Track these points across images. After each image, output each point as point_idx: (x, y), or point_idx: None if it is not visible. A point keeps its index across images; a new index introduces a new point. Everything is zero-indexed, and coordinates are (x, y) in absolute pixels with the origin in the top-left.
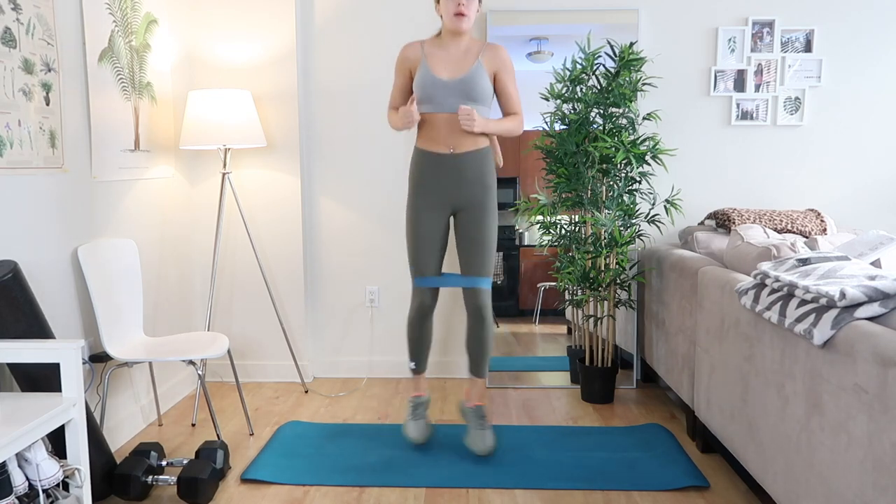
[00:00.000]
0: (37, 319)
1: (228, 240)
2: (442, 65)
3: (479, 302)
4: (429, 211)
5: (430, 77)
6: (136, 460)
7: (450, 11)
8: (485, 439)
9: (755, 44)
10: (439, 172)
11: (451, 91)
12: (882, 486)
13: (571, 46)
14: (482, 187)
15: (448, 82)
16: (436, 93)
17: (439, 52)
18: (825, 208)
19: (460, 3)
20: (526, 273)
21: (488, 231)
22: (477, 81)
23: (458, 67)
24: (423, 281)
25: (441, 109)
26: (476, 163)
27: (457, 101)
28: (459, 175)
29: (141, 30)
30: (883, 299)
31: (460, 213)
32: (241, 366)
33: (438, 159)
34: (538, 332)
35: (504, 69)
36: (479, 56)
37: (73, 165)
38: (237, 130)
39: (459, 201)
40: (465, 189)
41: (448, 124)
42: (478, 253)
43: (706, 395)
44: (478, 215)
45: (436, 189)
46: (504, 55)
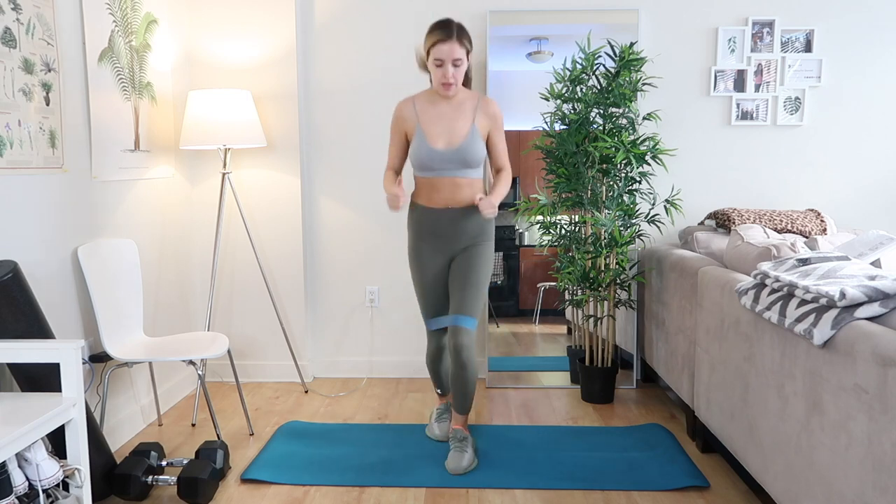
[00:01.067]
0: (37, 319)
1: (228, 240)
2: (436, 130)
3: (459, 342)
4: (431, 257)
5: (427, 149)
6: (136, 460)
7: (437, 79)
8: (459, 460)
9: (755, 44)
10: (440, 224)
11: (447, 160)
12: (882, 486)
13: (571, 46)
14: (481, 236)
15: (444, 153)
16: (433, 163)
17: (432, 110)
18: (825, 208)
19: (446, 74)
20: (526, 273)
21: (480, 274)
22: (473, 150)
23: (453, 132)
24: (435, 323)
25: (439, 175)
26: (474, 216)
27: (453, 168)
28: (459, 227)
29: (141, 30)
30: (883, 299)
31: (457, 256)
32: (241, 366)
33: (439, 214)
34: (538, 332)
35: (496, 127)
36: (473, 119)
37: (73, 165)
38: (237, 130)
39: (458, 246)
40: (465, 238)
41: (447, 186)
42: (465, 291)
43: (706, 394)
44: (472, 258)
45: (436, 238)
46: (496, 112)
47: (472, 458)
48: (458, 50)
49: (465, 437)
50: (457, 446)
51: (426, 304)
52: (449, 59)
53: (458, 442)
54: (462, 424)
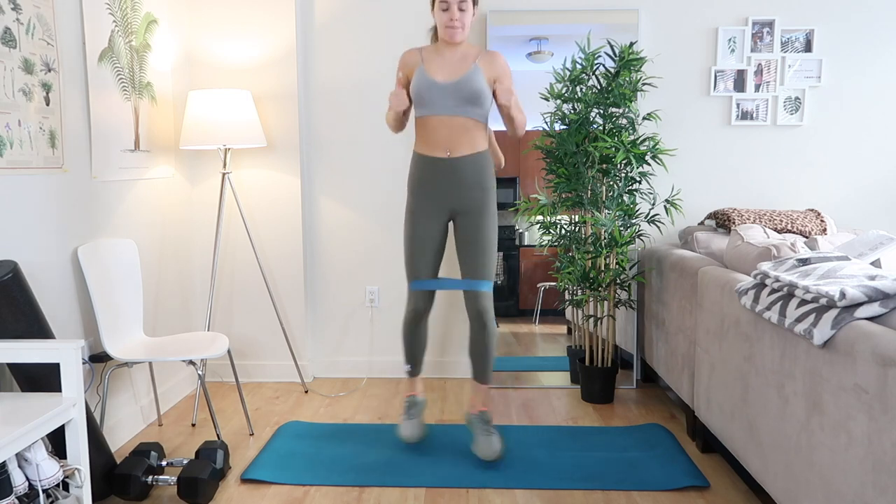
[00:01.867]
0: (37, 319)
1: (228, 240)
2: (438, 69)
3: (480, 306)
4: (427, 215)
5: (427, 80)
6: (136, 460)
7: (442, 23)
8: (491, 444)
9: (755, 44)
10: (437, 177)
11: (447, 93)
12: (882, 486)
13: (571, 46)
14: (481, 190)
15: (444, 84)
16: (432, 95)
17: (437, 57)
18: (825, 208)
19: (452, 17)
20: (526, 273)
21: (488, 233)
22: (473, 84)
23: (455, 71)
24: (418, 284)
25: (438, 112)
26: (474, 166)
27: (453, 104)
28: (458, 179)
29: (141, 30)
30: (883, 299)
31: (459, 217)
32: (241, 366)
33: (436, 164)
34: (538, 332)
35: (503, 74)
36: (475, 61)
37: (73, 165)
38: (237, 130)
39: (458, 205)
40: (464, 193)
41: (445, 127)
42: (477, 255)
43: (706, 394)
44: (477, 218)
45: (434, 193)
46: (501, 61)
47: (500, 438)
48: None
49: (489, 419)
50: (485, 429)
51: (413, 263)
52: (454, 1)
53: (483, 425)
54: (484, 403)
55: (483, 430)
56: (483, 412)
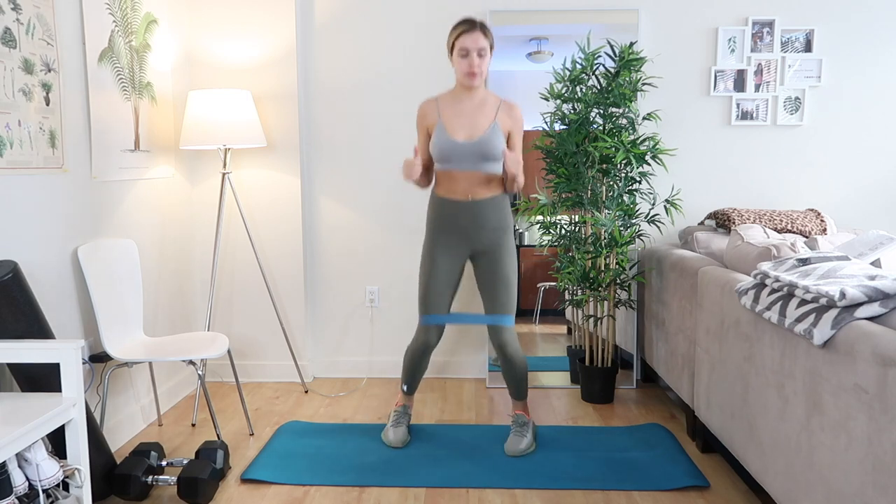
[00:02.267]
0: (37, 319)
1: (228, 240)
2: (458, 123)
3: (504, 339)
4: (446, 252)
5: (447, 140)
6: (136, 460)
7: (462, 71)
8: (516, 443)
9: (755, 44)
10: (458, 217)
11: (467, 152)
12: (882, 486)
13: (571, 46)
14: (501, 231)
15: (465, 144)
16: (453, 155)
17: (455, 107)
18: (825, 208)
19: (472, 64)
20: (526, 273)
21: (509, 270)
22: (493, 143)
23: (474, 126)
24: (430, 318)
25: (459, 168)
26: (493, 209)
27: (473, 161)
28: (478, 221)
29: (141, 30)
30: (883, 299)
31: (480, 256)
32: (241, 366)
33: (457, 205)
34: (538, 332)
35: (516, 130)
36: (496, 116)
37: (73, 165)
38: (237, 130)
39: (478, 245)
40: (485, 234)
41: (466, 179)
42: (499, 293)
43: (706, 394)
44: (497, 257)
45: (455, 232)
46: (518, 115)
47: (531, 442)
48: (482, 40)
49: (526, 422)
50: (517, 430)
51: (426, 299)
52: (474, 49)
53: (518, 426)
54: (522, 409)
55: (515, 430)
56: (518, 415)
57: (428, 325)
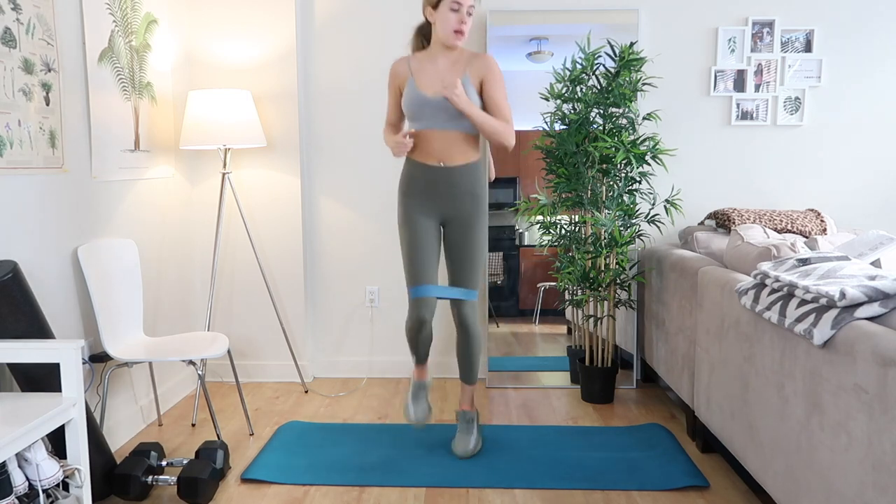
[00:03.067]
0: (37, 319)
1: (228, 240)
2: (429, 81)
3: (465, 313)
4: (420, 217)
5: (418, 95)
6: (136, 460)
7: (449, 28)
8: (466, 443)
9: (755, 44)
10: (430, 183)
11: (438, 108)
12: (882, 486)
13: (571, 46)
14: (472, 198)
15: (434, 99)
16: (424, 110)
17: (427, 66)
18: (825, 208)
19: (462, 20)
20: (526, 273)
21: (476, 243)
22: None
23: (445, 82)
24: (421, 290)
25: (431, 126)
26: (467, 175)
27: (445, 119)
28: (450, 187)
29: (141, 30)
30: (883, 299)
31: (449, 224)
32: (241, 366)
33: (429, 170)
34: (538, 332)
35: (491, 77)
36: (465, 69)
37: (73, 165)
38: (237, 130)
39: (449, 212)
40: (456, 200)
41: (438, 139)
42: (465, 264)
43: (706, 394)
44: (466, 227)
45: (427, 198)
46: (490, 63)
47: (479, 438)
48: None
49: (472, 418)
50: (463, 428)
51: (413, 269)
52: (466, 4)
53: (465, 423)
54: (469, 403)
55: (463, 427)
56: (466, 411)
57: (419, 298)
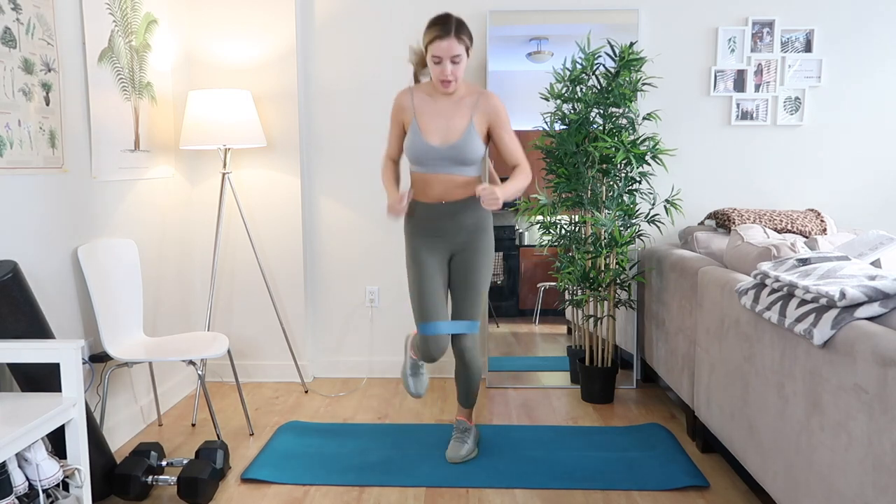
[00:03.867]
0: (37, 319)
1: (228, 240)
2: (433, 125)
3: (464, 345)
4: (429, 254)
5: (422, 143)
6: (136, 460)
7: (435, 77)
8: (458, 449)
9: (755, 44)
10: (435, 219)
11: (442, 156)
12: (882, 486)
13: (571, 46)
14: (478, 231)
15: (439, 149)
16: (427, 159)
17: (430, 105)
18: (825, 208)
19: (444, 71)
20: (526, 273)
21: (481, 276)
22: (469, 148)
23: (449, 129)
24: (431, 328)
25: (434, 171)
26: (470, 209)
27: (448, 165)
28: (454, 221)
29: (141, 30)
30: (883, 299)
31: (455, 257)
32: (241, 366)
33: (432, 208)
34: (538, 332)
35: (498, 121)
36: (471, 114)
37: (73, 165)
38: (237, 130)
39: (455, 246)
40: (461, 234)
41: (441, 183)
42: (468, 298)
43: (706, 394)
44: (472, 259)
45: (432, 234)
46: (496, 105)
47: (472, 448)
48: (457, 46)
49: (468, 429)
50: (458, 437)
51: (422, 307)
52: (447, 57)
53: (460, 433)
54: (466, 416)
55: (457, 436)
56: (461, 421)
57: (429, 336)
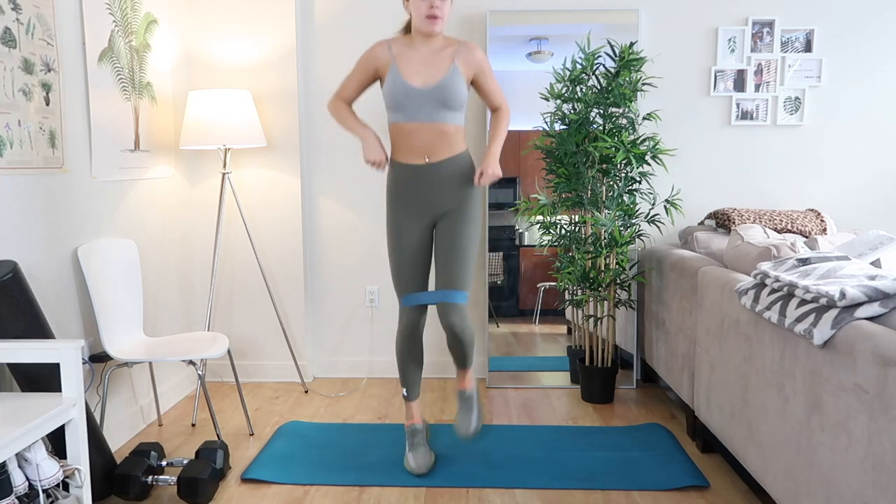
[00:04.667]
0: (37, 319)
1: (228, 240)
2: (414, 69)
3: (452, 320)
4: (410, 223)
5: (403, 85)
6: (136, 460)
7: (421, 13)
8: (467, 421)
9: (755, 44)
10: (417, 183)
11: (425, 99)
12: (882, 486)
13: (571, 46)
14: (462, 192)
15: (422, 90)
16: (408, 101)
17: (410, 53)
18: (825, 208)
19: (433, 4)
20: (526, 273)
21: (467, 239)
22: (452, 89)
23: (432, 72)
24: (411, 299)
25: (415, 118)
26: (455, 168)
27: (431, 110)
28: (439, 183)
29: (141, 30)
30: (883, 299)
31: (439, 221)
32: (241, 366)
33: (415, 170)
34: (538, 332)
35: (482, 70)
36: (454, 59)
37: (73, 165)
38: (237, 130)
39: (440, 209)
40: (446, 196)
41: (423, 133)
42: (454, 263)
43: (706, 394)
44: (456, 222)
45: (415, 200)
46: (480, 55)
47: (480, 416)
48: None
49: (470, 395)
50: (463, 406)
51: (401, 277)
52: None
53: (463, 401)
54: (466, 382)
55: (463, 406)
56: (463, 390)
57: (409, 308)
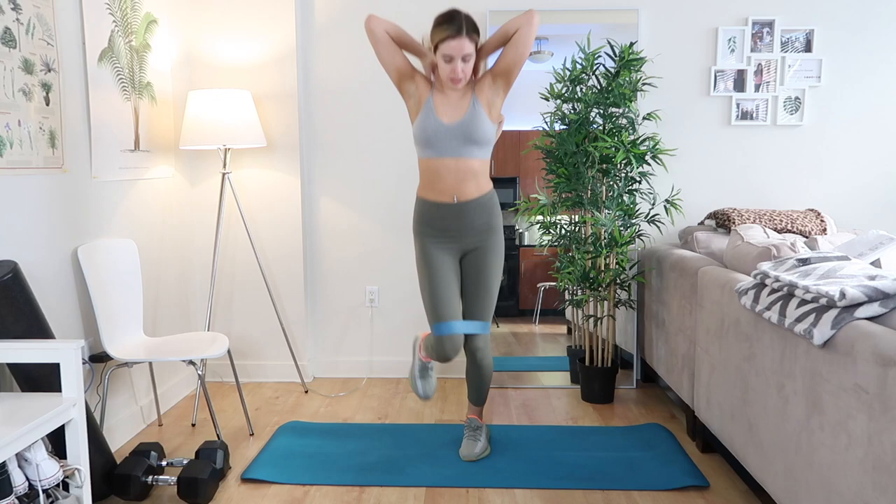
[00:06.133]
0: (37, 319)
1: (228, 240)
2: (443, 108)
3: (476, 345)
4: (440, 255)
5: (434, 121)
6: (136, 460)
7: (445, 76)
8: (471, 447)
9: (755, 44)
10: (445, 221)
11: (451, 135)
12: (882, 486)
13: (571, 46)
14: (489, 231)
15: (449, 126)
16: (438, 138)
17: (441, 95)
18: (825, 208)
19: (455, 69)
20: (526, 273)
21: (492, 275)
22: (476, 123)
23: (457, 110)
24: (445, 327)
25: (442, 154)
26: (481, 209)
27: (458, 146)
28: (465, 223)
29: (141, 30)
30: (883, 299)
31: (466, 257)
32: (241, 366)
33: (442, 208)
34: (538, 332)
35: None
36: (472, 93)
37: (73, 165)
38: (237, 130)
39: (468, 246)
40: (472, 235)
41: (451, 172)
42: (481, 298)
43: (706, 394)
44: (483, 260)
45: (442, 235)
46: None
47: (485, 446)
48: (468, 45)
49: (480, 427)
50: (471, 435)
51: (435, 307)
52: (458, 56)
53: (472, 430)
54: (477, 414)
55: (469, 434)
56: (472, 419)
57: (443, 336)
